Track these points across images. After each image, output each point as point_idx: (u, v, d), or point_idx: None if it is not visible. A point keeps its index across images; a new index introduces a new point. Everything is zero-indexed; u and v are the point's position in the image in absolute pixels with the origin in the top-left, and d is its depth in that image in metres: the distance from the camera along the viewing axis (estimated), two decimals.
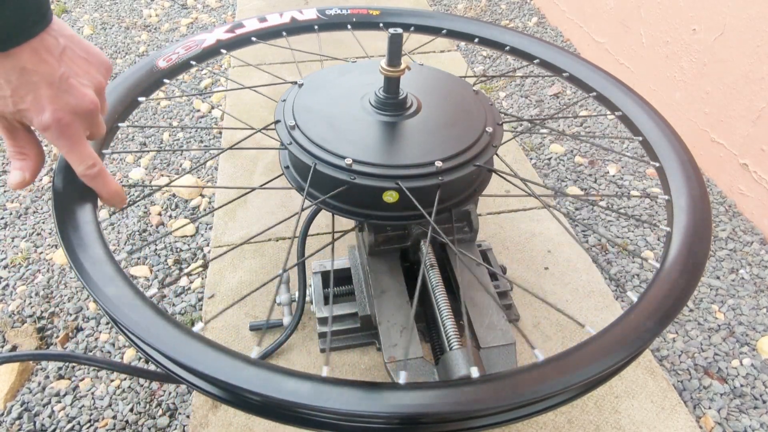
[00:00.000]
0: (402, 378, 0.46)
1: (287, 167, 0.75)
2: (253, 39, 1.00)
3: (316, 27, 1.04)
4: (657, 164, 0.77)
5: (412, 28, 1.04)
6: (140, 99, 0.81)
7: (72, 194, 0.59)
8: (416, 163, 0.64)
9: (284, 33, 1.03)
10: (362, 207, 0.69)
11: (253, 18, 1.02)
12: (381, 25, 1.04)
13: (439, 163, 0.64)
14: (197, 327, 0.50)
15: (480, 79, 1.96)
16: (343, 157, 0.63)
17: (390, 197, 0.63)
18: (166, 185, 0.78)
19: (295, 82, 0.76)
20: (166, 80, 0.88)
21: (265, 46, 1.04)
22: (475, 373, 0.48)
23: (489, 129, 0.71)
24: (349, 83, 0.78)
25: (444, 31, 1.02)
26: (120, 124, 0.77)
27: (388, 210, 0.68)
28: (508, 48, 1.01)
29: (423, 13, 1.05)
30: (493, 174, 0.74)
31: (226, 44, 0.98)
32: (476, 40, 1.02)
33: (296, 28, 1.04)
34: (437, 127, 0.70)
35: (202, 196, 1.46)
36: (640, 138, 0.82)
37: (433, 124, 0.71)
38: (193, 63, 0.92)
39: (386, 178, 0.63)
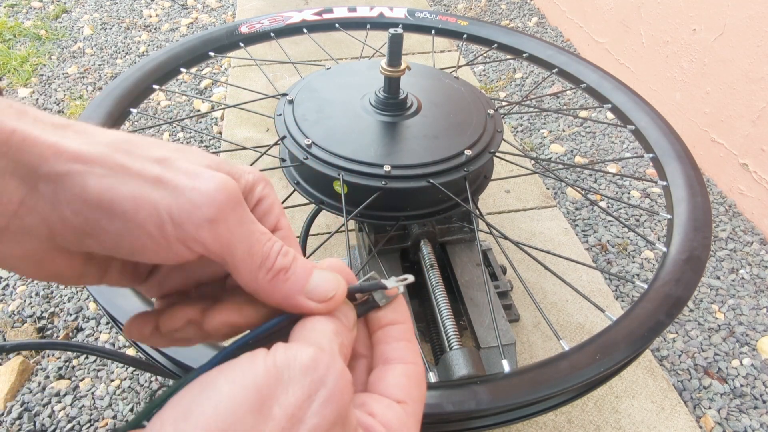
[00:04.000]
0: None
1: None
2: (337, 26, 1.04)
3: (400, 26, 1.05)
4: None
5: (495, 45, 1.02)
6: (211, 54, 0.93)
7: None
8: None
9: (368, 26, 1.05)
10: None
11: (343, 7, 1.06)
12: (465, 36, 1.04)
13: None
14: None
15: (472, 67, 1.96)
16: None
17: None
18: None
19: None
20: (242, 44, 0.96)
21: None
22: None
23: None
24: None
25: (526, 54, 1.01)
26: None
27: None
28: (495, 45, 1.02)
29: (508, 31, 1.04)
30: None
31: (310, 25, 1.02)
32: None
33: (381, 23, 1.06)
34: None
35: None
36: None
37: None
38: (273, 36, 0.98)
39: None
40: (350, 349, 0.25)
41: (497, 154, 0.70)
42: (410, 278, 0.27)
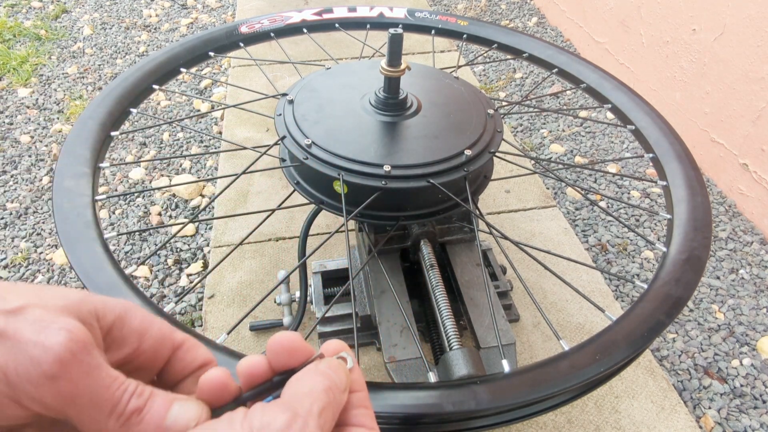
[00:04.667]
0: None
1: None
2: (337, 26, 1.04)
3: (400, 26, 1.05)
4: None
5: (495, 45, 1.02)
6: (211, 54, 0.94)
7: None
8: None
9: (368, 26, 1.06)
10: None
11: (342, 7, 1.06)
12: (465, 36, 1.04)
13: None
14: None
15: (472, 68, 1.96)
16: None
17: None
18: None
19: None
20: (242, 44, 0.97)
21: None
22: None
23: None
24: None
25: (526, 54, 1.01)
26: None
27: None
28: (495, 45, 1.02)
29: (508, 31, 1.04)
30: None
31: (310, 25, 1.02)
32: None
33: (381, 23, 1.06)
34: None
35: (202, 196, 1.46)
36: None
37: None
38: (273, 36, 0.99)
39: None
40: (338, 412, 0.25)
41: (497, 154, 0.70)
42: (349, 361, 0.27)
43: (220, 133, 1.64)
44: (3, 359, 0.20)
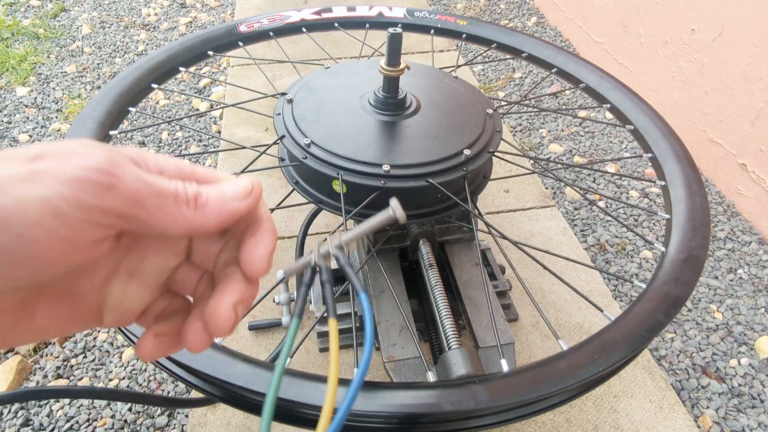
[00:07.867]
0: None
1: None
2: (336, 25, 1.04)
3: (399, 25, 1.04)
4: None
5: (494, 45, 1.02)
6: (210, 53, 0.94)
7: None
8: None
9: (367, 25, 1.05)
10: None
11: (342, 6, 1.06)
12: (464, 35, 1.04)
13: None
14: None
15: (471, 67, 1.96)
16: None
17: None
18: None
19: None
20: (241, 43, 0.97)
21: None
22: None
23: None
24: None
25: (525, 54, 1.00)
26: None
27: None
28: (494, 45, 1.02)
29: (507, 31, 1.03)
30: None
31: (309, 25, 1.02)
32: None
33: (380, 22, 1.06)
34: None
35: None
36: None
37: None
38: (272, 35, 0.99)
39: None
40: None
41: (496, 153, 0.70)
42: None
43: (219, 132, 1.64)
44: (54, 189, 0.20)
